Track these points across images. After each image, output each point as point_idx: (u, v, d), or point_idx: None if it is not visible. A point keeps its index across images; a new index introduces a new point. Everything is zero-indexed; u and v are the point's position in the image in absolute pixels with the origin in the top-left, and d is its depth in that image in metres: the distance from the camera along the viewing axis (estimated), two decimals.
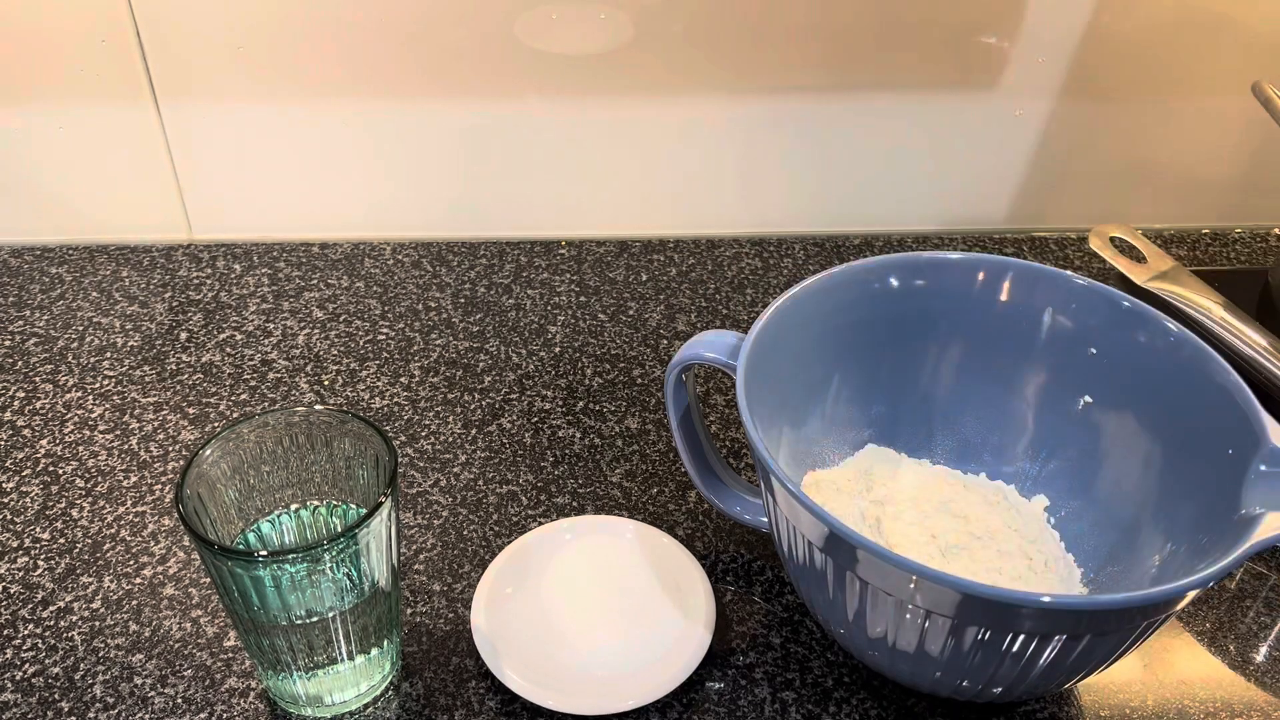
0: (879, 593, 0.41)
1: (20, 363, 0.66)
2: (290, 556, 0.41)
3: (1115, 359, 0.51)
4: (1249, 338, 0.62)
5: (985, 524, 0.52)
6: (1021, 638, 0.40)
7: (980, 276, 0.53)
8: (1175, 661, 0.51)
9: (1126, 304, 0.50)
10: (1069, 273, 0.52)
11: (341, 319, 0.70)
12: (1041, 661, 0.41)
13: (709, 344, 0.49)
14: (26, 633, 0.51)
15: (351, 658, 0.46)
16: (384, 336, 0.69)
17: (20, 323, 0.69)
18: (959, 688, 0.44)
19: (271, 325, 0.69)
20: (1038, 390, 0.54)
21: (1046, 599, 0.38)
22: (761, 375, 0.48)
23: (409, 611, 0.52)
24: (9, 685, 0.49)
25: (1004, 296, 0.53)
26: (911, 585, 0.39)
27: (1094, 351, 0.52)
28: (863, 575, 0.41)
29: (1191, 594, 0.39)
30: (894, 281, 0.53)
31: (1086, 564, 0.51)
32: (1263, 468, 0.43)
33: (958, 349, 0.55)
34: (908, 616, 0.41)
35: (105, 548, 0.55)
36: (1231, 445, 0.45)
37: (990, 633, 0.40)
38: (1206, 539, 0.44)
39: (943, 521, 0.52)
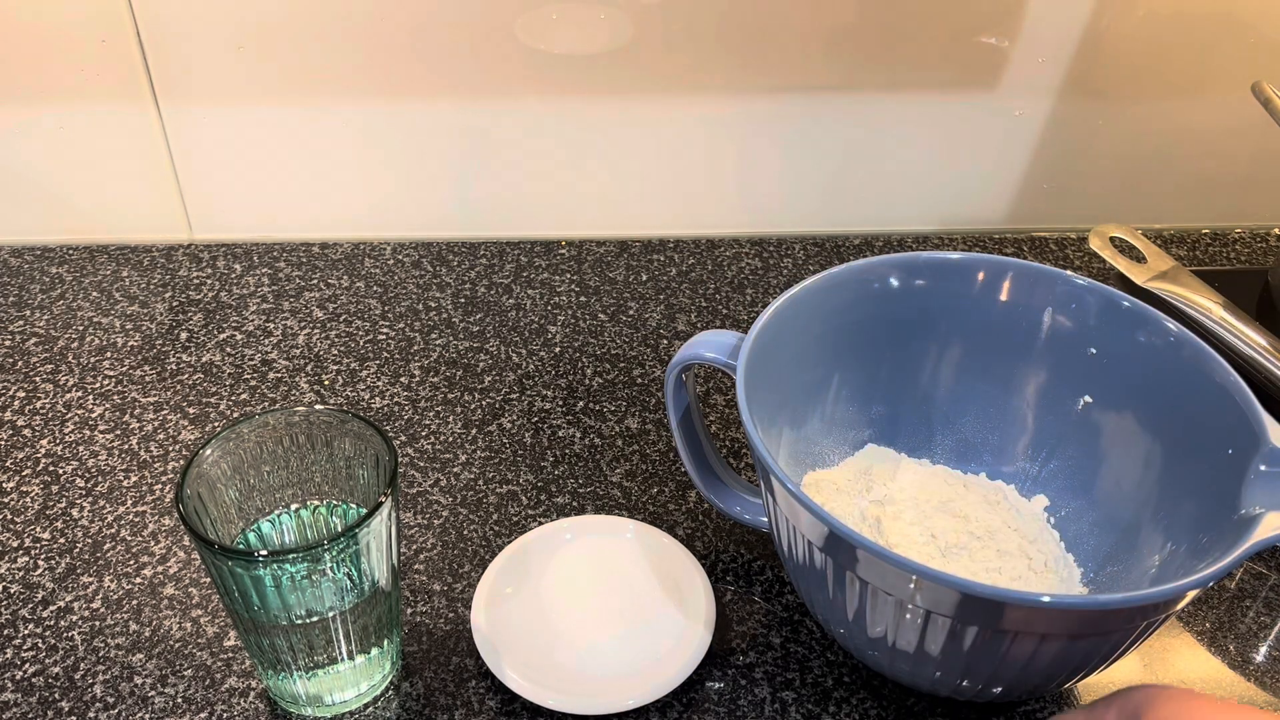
0: (879, 592, 0.41)
1: (20, 362, 0.66)
2: (290, 556, 0.41)
3: (1115, 358, 0.51)
4: (1249, 338, 0.62)
5: (985, 524, 0.52)
6: (1021, 638, 0.40)
7: (980, 276, 0.53)
8: (1175, 661, 0.51)
9: (1126, 304, 0.50)
10: (1069, 273, 0.52)
11: (341, 319, 0.70)
12: (1041, 661, 0.41)
13: (709, 344, 0.49)
14: (26, 632, 0.51)
15: (351, 657, 0.46)
16: (384, 336, 0.69)
17: (20, 322, 0.69)
18: (959, 687, 0.44)
19: (271, 325, 0.69)
20: (1038, 390, 0.54)
21: (1046, 599, 0.38)
22: (761, 375, 0.48)
23: (409, 611, 0.52)
24: (9, 685, 0.49)
25: (1004, 296, 0.53)
26: (911, 585, 0.39)
27: (1094, 351, 0.52)
28: (862, 575, 0.41)
29: (1191, 594, 0.39)
30: (894, 281, 0.53)
31: (1086, 564, 0.51)
32: (1263, 467, 0.43)
33: (958, 349, 0.55)
34: (907, 616, 0.41)
35: (105, 547, 0.55)
36: (1231, 445, 0.45)
37: (990, 633, 0.40)
38: (1206, 538, 0.44)
39: (942, 521, 0.52)
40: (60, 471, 0.59)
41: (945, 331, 0.55)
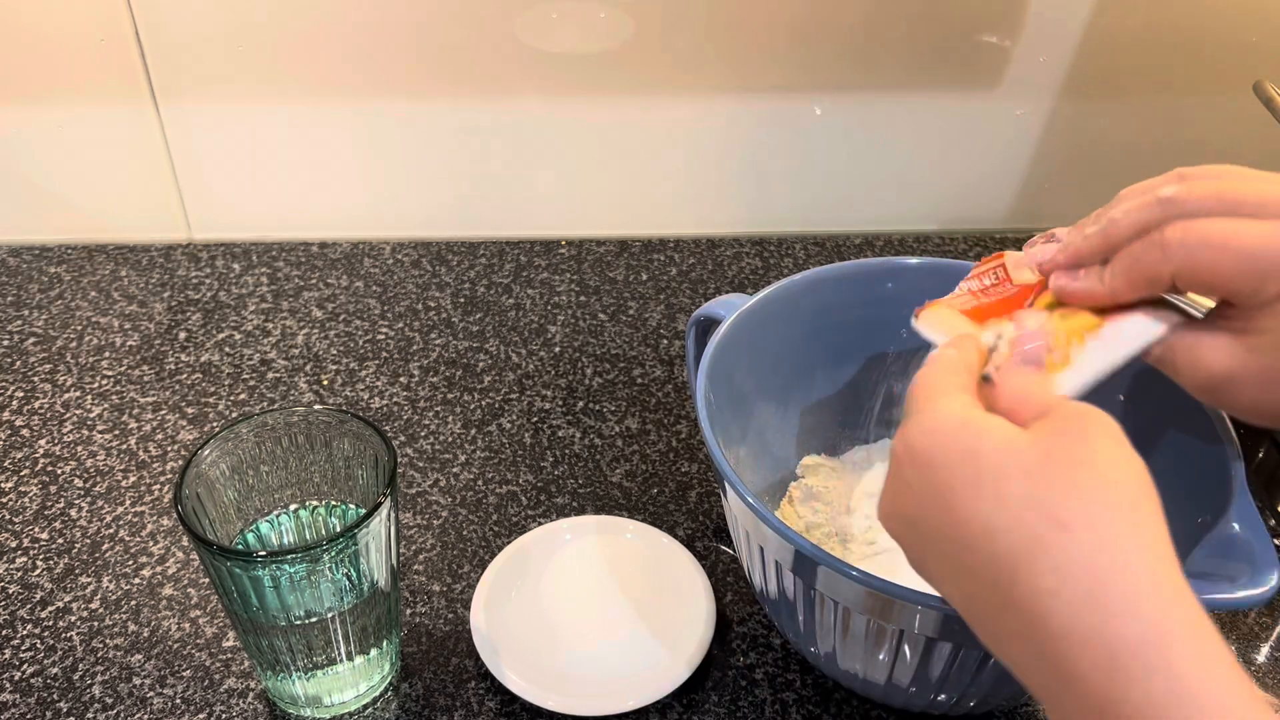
0: (826, 598, 0.41)
1: (19, 362, 0.66)
2: (289, 557, 0.40)
3: (1143, 409, 0.49)
4: None
5: None
6: (941, 644, 0.40)
7: None
8: None
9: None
10: None
11: (341, 318, 0.70)
12: (974, 672, 0.41)
13: (728, 304, 0.51)
14: (25, 633, 0.51)
15: (351, 658, 0.46)
16: (383, 336, 0.69)
17: (19, 322, 0.69)
18: (911, 697, 0.44)
19: (270, 325, 0.69)
20: None
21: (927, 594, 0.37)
22: (769, 337, 0.49)
23: (409, 611, 0.52)
24: (8, 685, 0.48)
25: None
26: (822, 575, 0.40)
27: (1122, 398, 0.50)
28: (802, 575, 0.41)
29: None
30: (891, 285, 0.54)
31: None
32: (1218, 546, 0.41)
33: None
34: (854, 622, 0.41)
35: (104, 548, 0.55)
36: (1205, 513, 0.43)
37: (904, 632, 0.40)
38: None
39: None
40: (58, 472, 0.59)
41: None
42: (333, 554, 0.41)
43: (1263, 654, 0.52)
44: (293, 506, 0.48)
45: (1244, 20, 0.71)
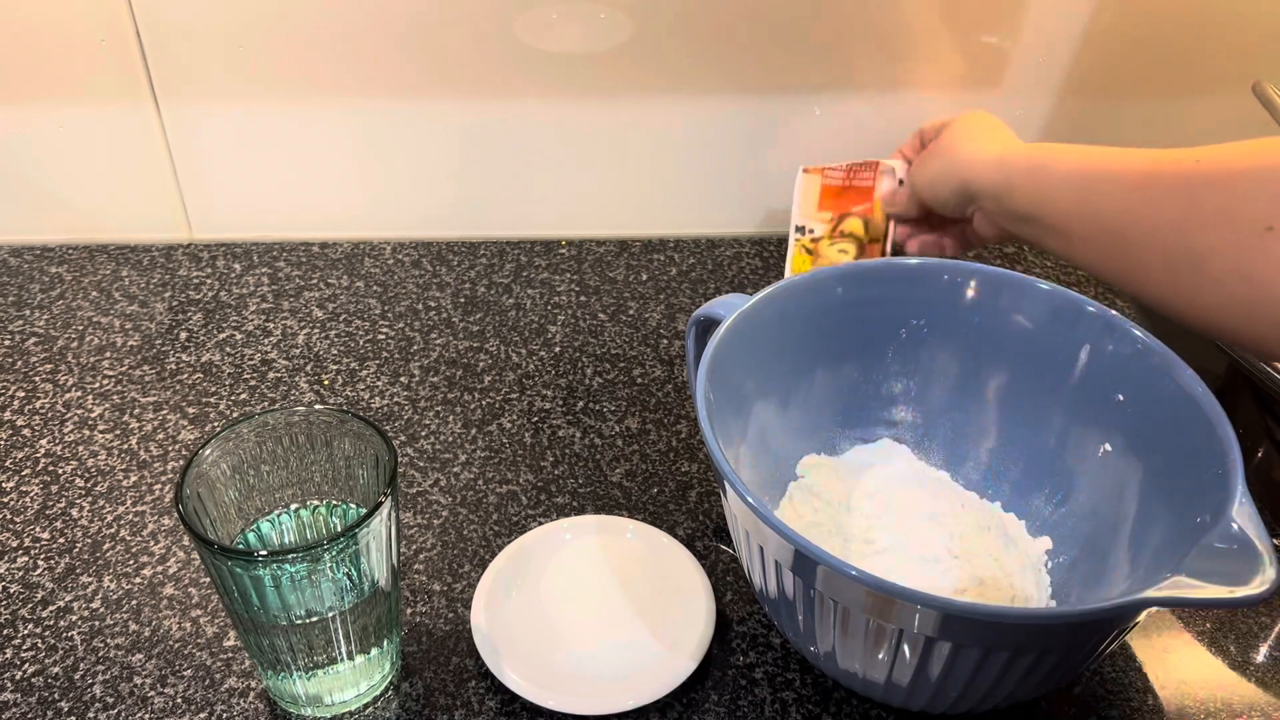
0: (826, 598, 0.41)
1: (20, 362, 0.66)
2: (290, 556, 0.40)
3: (1142, 409, 0.49)
4: None
5: (967, 546, 0.52)
6: (943, 646, 0.40)
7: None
8: (1175, 661, 0.51)
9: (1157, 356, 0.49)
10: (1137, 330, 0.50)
11: (341, 318, 0.70)
12: (962, 674, 0.41)
13: (728, 304, 0.50)
14: (26, 632, 0.51)
15: (351, 658, 0.46)
16: (384, 336, 0.69)
17: (20, 322, 0.69)
18: (911, 697, 0.44)
19: (271, 325, 0.69)
20: (1061, 433, 0.53)
21: (934, 597, 0.37)
22: (762, 340, 0.49)
23: (409, 611, 0.52)
24: (9, 685, 0.48)
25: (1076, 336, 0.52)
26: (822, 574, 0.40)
27: (1121, 398, 0.50)
28: (775, 555, 0.41)
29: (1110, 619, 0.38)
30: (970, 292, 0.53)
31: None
32: (1217, 545, 0.41)
33: (1004, 377, 0.54)
34: (853, 622, 0.41)
35: (105, 547, 0.55)
36: (1205, 511, 0.43)
37: (902, 634, 0.40)
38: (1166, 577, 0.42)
39: (928, 533, 0.52)
40: (60, 471, 0.59)
41: (994, 359, 0.54)
42: (333, 553, 0.41)
43: (1262, 654, 0.52)
44: (293, 506, 0.48)
45: (1244, 20, 0.71)
